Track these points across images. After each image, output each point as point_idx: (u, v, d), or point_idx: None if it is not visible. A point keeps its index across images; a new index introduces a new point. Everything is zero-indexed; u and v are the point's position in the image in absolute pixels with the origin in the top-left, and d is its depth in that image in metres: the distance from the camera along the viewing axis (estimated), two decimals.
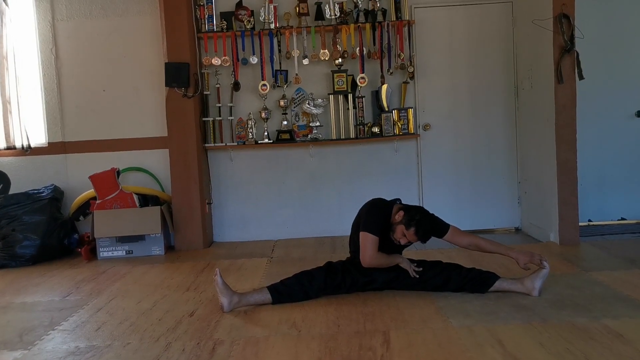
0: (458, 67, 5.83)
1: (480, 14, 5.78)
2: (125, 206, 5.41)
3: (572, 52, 4.88)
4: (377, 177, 5.88)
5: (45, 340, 3.24)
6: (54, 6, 5.80)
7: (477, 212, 5.89)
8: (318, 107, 5.66)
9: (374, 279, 3.71)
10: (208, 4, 5.62)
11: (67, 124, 5.88)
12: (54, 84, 5.83)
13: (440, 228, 3.71)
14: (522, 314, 3.25)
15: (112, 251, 5.38)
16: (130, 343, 3.13)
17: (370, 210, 3.72)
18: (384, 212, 3.67)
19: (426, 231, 3.55)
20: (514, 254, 3.67)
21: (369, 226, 3.62)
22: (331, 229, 5.77)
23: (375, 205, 3.74)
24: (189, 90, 5.51)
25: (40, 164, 5.84)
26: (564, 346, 2.78)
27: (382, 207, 3.71)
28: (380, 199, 3.80)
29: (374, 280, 3.72)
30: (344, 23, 5.63)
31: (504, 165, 5.88)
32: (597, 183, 5.71)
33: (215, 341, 3.08)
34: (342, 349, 2.90)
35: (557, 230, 5.02)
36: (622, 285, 3.72)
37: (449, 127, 5.87)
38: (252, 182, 5.92)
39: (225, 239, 5.95)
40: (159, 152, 5.80)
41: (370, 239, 3.58)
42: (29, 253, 5.19)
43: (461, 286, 3.65)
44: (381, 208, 3.70)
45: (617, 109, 5.72)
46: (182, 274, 4.65)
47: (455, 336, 2.99)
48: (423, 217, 3.57)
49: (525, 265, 3.62)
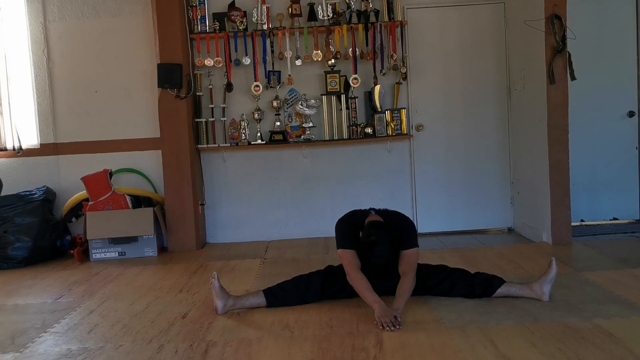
0: (451, 68, 5.84)
1: (473, 14, 5.80)
2: (118, 207, 5.39)
3: (564, 53, 4.90)
4: (370, 177, 5.89)
5: (37, 343, 3.22)
6: (45, 7, 5.77)
7: (469, 212, 5.90)
8: (311, 108, 5.66)
9: (375, 284, 3.44)
10: (200, 5, 5.61)
11: (59, 125, 5.86)
12: (45, 85, 5.81)
13: (403, 245, 3.48)
14: (514, 315, 3.26)
15: (105, 253, 5.36)
16: (123, 345, 3.12)
17: (338, 226, 3.62)
18: (353, 222, 3.55)
19: (378, 256, 3.32)
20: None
21: (338, 242, 3.55)
22: (324, 229, 5.76)
23: (342, 220, 3.64)
24: (182, 92, 5.49)
25: (32, 166, 5.82)
26: (556, 346, 2.79)
27: (351, 219, 3.60)
28: (352, 211, 3.71)
29: (375, 286, 3.44)
30: (337, 24, 5.63)
31: (497, 165, 5.90)
32: (589, 183, 5.74)
33: (208, 343, 3.08)
34: (335, 350, 2.89)
35: (549, 230, 5.04)
36: (614, 285, 3.74)
37: (441, 128, 5.88)
38: (245, 183, 5.92)
39: (218, 240, 5.94)
40: (151, 153, 5.79)
41: (343, 255, 3.49)
42: (21, 255, 5.16)
43: (467, 293, 3.56)
44: (349, 221, 3.60)
45: (609, 110, 5.75)
46: (175, 275, 4.63)
47: (448, 337, 2.99)
48: (380, 237, 3.31)
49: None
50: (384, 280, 3.51)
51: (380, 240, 3.32)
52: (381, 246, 3.31)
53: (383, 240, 3.33)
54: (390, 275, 3.51)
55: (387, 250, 3.34)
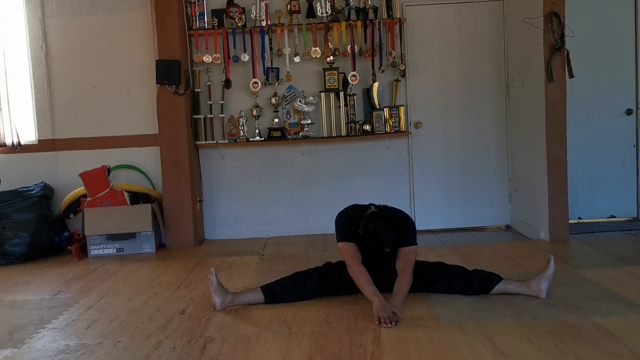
0: (449, 65, 5.84)
1: (471, 12, 5.80)
2: (116, 204, 5.39)
3: (562, 51, 4.90)
4: (368, 174, 5.89)
5: (35, 339, 3.22)
6: (43, 3, 5.76)
7: (467, 209, 5.91)
8: (309, 105, 5.66)
9: (373, 280, 3.43)
10: (199, 1, 5.60)
11: (57, 122, 5.85)
12: (44, 81, 5.80)
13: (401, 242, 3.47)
14: (512, 311, 3.27)
15: (103, 249, 5.36)
16: (121, 341, 3.12)
17: (337, 220, 3.62)
18: (353, 215, 3.53)
19: (382, 242, 3.31)
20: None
21: (338, 235, 3.55)
22: (322, 226, 5.77)
23: (342, 214, 3.63)
24: (180, 88, 5.49)
25: (30, 162, 5.81)
26: (554, 343, 2.80)
27: (350, 213, 3.59)
28: (351, 205, 3.69)
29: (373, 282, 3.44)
30: (336, 21, 5.63)
31: (495, 163, 5.90)
32: (587, 181, 5.74)
33: (206, 339, 3.08)
34: (332, 346, 2.90)
35: (547, 228, 5.05)
36: (611, 283, 3.75)
37: (440, 125, 5.88)
38: (243, 180, 5.91)
39: (216, 237, 5.94)
40: (149, 150, 5.79)
41: (343, 248, 3.49)
42: (19, 251, 5.16)
43: (465, 290, 3.57)
44: (349, 215, 3.58)
45: (607, 107, 5.75)
46: (173, 271, 4.64)
47: (445, 333, 3.00)
48: (378, 226, 3.31)
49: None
50: (382, 276, 3.49)
51: (380, 225, 3.32)
52: (381, 230, 3.30)
53: (382, 224, 3.33)
54: (389, 271, 3.50)
55: (388, 232, 3.32)
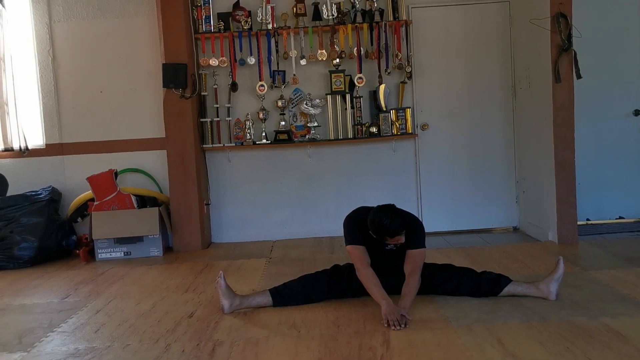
0: (455, 66, 5.83)
1: (478, 13, 5.79)
2: (123, 207, 5.40)
3: (569, 51, 4.89)
4: (375, 177, 5.88)
5: (44, 342, 3.23)
6: (50, 7, 5.78)
7: (475, 211, 5.89)
8: (316, 108, 5.67)
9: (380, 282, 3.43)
10: (205, 4, 5.62)
11: (64, 126, 5.87)
12: (51, 86, 5.82)
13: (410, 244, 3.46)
14: (521, 313, 3.25)
15: (110, 252, 5.37)
16: (130, 344, 3.12)
17: (346, 223, 3.61)
18: (361, 219, 3.50)
19: (392, 230, 3.30)
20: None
21: (347, 238, 3.54)
22: (329, 229, 5.76)
23: (350, 217, 3.62)
24: (187, 91, 5.50)
25: (37, 166, 5.83)
26: (564, 345, 2.79)
27: (359, 216, 3.56)
28: (359, 208, 3.66)
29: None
30: (342, 23, 5.63)
31: (502, 164, 5.88)
32: (595, 182, 5.72)
33: (215, 342, 3.08)
34: (342, 349, 2.89)
35: (555, 230, 5.03)
36: (620, 284, 3.73)
37: (446, 127, 5.87)
38: (250, 183, 5.92)
39: (223, 240, 5.95)
40: (156, 153, 5.80)
41: (353, 251, 3.48)
42: (27, 255, 5.18)
43: (473, 291, 3.55)
44: (357, 218, 3.56)
45: (615, 108, 5.73)
46: (180, 275, 4.64)
47: (454, 335, 2.99)
48: (385, 214, 3.32)
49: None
50: (390, 278, 3.48)
51: (386, 213, 3.32)
52: (388, 218, 3.30)
53: (389, 212, 3.33)
54: (397, 274, 3.49)
55: (396, 219, 3.31)
